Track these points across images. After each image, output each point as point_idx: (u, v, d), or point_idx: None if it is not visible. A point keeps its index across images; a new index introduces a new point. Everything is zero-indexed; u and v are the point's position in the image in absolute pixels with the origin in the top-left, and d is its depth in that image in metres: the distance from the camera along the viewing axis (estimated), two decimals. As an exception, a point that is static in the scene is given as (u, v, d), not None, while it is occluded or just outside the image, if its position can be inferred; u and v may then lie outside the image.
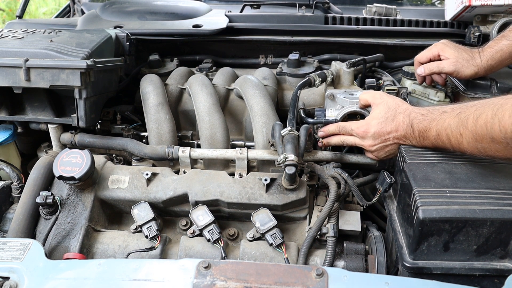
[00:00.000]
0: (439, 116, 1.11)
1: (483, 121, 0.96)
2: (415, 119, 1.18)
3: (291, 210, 1.32)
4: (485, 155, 1.01)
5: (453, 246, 1.02)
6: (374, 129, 1.26)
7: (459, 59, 1.46)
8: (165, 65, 1.92)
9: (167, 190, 1.32)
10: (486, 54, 1.45)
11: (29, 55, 1.39)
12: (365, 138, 1.30)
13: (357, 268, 1.18)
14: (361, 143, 1.33)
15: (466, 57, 1.47)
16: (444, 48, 1.50)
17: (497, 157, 0.99)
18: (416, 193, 1.04)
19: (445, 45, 1.51)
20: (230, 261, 0.97)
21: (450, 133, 1.06)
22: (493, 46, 1.45)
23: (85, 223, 1.28)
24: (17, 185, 1.40)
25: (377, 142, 1.28)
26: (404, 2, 2.63)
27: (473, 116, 1.00)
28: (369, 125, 1.28)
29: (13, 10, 6.67)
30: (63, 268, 0.97)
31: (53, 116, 1.52)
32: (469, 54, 1.47)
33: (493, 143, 0.95)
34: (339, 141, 1.40)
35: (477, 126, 0.98)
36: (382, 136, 1.26)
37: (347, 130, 1.36)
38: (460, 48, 1.50)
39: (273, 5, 2.25)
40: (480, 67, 1.45)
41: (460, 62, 1.46)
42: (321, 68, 1.85)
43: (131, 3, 2.22)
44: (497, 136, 0.93)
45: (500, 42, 1.44)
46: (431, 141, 1.15)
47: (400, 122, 1.22)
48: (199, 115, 1.54)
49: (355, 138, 1.34)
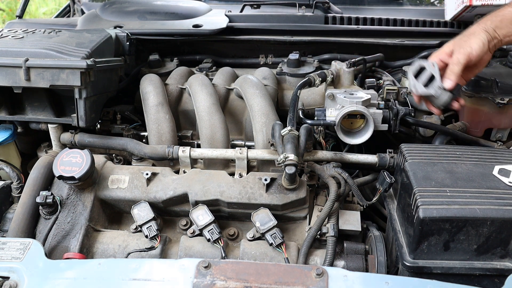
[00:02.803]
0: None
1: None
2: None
3: (291, 210, 1.32)
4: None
5: (453, 245, 1.02)
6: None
7: (456, 42, 1.31)
8: (165, 65, 1.92)
9: (167, 190, 1.32)
10: (483, 20, 1.32)
11: (29, 55, 1.39)
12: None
13: (357, 267, 1.18)
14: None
15: (459, 37, 1.32)
16: (440, 51, 1.34)
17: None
18: (416, 193, 1.04)
19: (438, 50, 1.36)
20: (230, 261, 0.97)
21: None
22: (492, 14, 1.33)
23: (85, 223, 1.28)
24: (17, 185, 1.40)
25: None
26: (404, 2, 2.63)
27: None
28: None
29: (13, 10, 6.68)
30: (63, 268, 0.97)
31: (53, 116, 1.52)
32: (462, 34, 1.33)
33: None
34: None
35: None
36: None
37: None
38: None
39: (273, 5, 2.25)
40: (482, 30, 1.28)
41: (458, 41, 1.30)
42: (321, 68, 1.85)
43: (131, 3, 2.22)
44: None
45: (502, 9, 1.32)
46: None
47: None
48: (199, 115, 1.54)
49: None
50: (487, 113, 1.57)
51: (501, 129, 1.61)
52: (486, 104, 1.56)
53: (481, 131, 1.61)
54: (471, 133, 1.60)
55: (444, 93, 1.29)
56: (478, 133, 1.61)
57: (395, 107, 1.45)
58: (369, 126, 1.41)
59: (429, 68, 1.29)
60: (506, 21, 1.29)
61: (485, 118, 1.58)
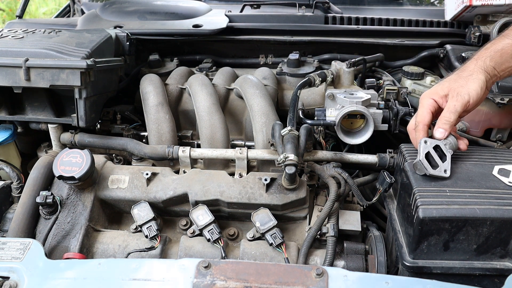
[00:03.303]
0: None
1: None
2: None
3: (291, 210, 1.32)
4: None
5: (453, 245, 1.02)
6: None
7: (452, 85, 1.18)
8: (165, 65, 1.92)
9: (167, 190, 1.32)
10: (481, 56, 1.21)
11: (29, 55, 1.39)
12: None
13: (357, 267, 1.18)
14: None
15: (454, 77, 1.20)
16: (433, 91, 1.21)
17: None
18: (416, 193, 1.04)
19: (430, 89, 1.24)
20: (230, 261, 0.97)
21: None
22: (490, 47, 1.22)
23: (85, 223, 1.28)
24: (17, 185, 1.40)
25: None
26: (404, 2, 2.63)
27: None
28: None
29: (13, 10, 6.67)
30: (63, 268, 0.97)
31: (53, 116, 1.52)
32: (458, 71, 1.22)
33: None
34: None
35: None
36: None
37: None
38: (445, 77, 1.26)
39: (273, 5, 2.25)
40: (480, 71, 1.18)
41: (455, 85, 1.17)
42: (321, 68, 1.85)
43: (131, 3, 2.21)
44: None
45: (500, 42, 1.22)
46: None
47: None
48: (199, 114, 1.54)
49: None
50: (487, 113, 1.57)
51: (501, 129, 1.61)
52: (486, 104, 1.56)
53: (481, 131, 1.61)
54: (471, 133, 1.60)
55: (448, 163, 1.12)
56: (478, 133, 1.61)
57: (395, 107, 1.45)
58: (369, 126, 1.41)
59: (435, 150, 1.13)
60: (506, 55, 1.19)
61: (485, 118, 1.58)
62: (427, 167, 1.08)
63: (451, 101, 1.16)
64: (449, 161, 1.11)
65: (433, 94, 1.19)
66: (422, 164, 1.08)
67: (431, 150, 1.11)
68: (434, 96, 1.19)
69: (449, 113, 1.15)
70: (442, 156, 1.12)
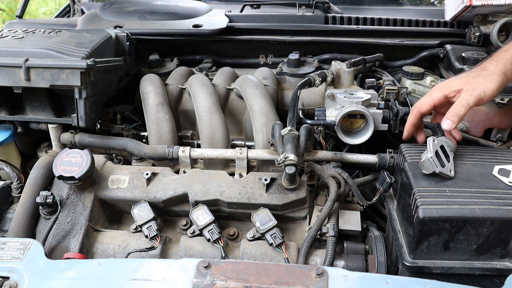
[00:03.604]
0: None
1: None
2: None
3: (291, 210, 1.32)
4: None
5: (453, 245, 1.02)
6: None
7: (469, 81, 1.16)
8: (165, 65, 1.92)
9: (167, 190, 1.32)
10: (501, 58, 1.19)
11: (29, 55, 1.39)
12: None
13: (357, 267, 1.18)
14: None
15: (473, 75, 1.18)
16: (447, 84, 1.20)
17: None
18: (416, 192, 1.04)
19: (445, 81, 1.24)
20: (230, 261, 0.97)
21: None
22: (510, 49, 1.20)
23: (85, 223, 1.28)
24: (17, 185, 1.40)
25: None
26: (404, 2, 2.63)
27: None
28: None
29: (13, 10, 6.67)
30: (63, 268, 0.97)
31: (53, 116, 1.52)
32: (476, 69, 1.21)
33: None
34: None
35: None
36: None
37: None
38: (462, 73, 1.25)
39: (273, 5, 2.25)
40: (500, 73, 1.16)
41: (472, 81, 1.16)
42: (321, 68, 1.85)
43: (131, 3, 2.21)
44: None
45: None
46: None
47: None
48: (199, 115, 1.54)
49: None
50: (487, 113, 1.57)
51: (501, 129, 1.61)
52: (486, 104, 1.55)
53: (481, 131, 1.61)
54: (471, 133, 1.60)
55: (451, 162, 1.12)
56: (478, 133, 1.61)
57: (395, 107, 1.45)
58: (369, 126, 1.41)
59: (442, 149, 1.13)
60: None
61: (485, 118, 1.58)
62: (438, 165, 1.08)
63: (464, 94, 1.14)
64: (452, 162, 1.12)
65: (446, 88, 1.19)
66: (432, 161, 1.07)
67: (439, 149, 1.12)
68: (446, 91, 1.19)
69: (460, 106, 1.14)
70: (447, 156, 1.12)
